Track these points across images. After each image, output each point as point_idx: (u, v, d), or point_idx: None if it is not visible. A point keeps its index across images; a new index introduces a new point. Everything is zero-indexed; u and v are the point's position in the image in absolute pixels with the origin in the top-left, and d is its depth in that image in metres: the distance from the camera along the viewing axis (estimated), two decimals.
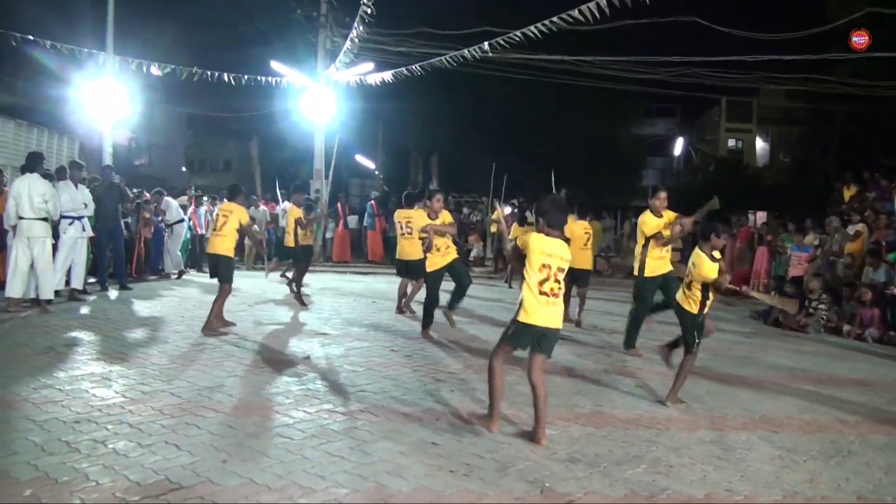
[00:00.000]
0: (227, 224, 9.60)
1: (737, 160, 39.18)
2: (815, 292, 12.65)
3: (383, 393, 6.64)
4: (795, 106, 35.54)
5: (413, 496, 4.33)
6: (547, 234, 5.52)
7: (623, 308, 11.33)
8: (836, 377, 8.61)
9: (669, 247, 8.95)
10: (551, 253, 5.45)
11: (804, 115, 35.77)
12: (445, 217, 9.59)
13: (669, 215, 8.88)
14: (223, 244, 9.59)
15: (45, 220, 10.43)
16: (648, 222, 8.92)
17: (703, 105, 41.56)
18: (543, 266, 5.41)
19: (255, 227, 11.81)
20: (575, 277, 11.48)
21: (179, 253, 16.76)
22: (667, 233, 8.71)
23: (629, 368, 8.32)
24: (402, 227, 10.66)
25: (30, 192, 10.33)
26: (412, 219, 10.23)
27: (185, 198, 17.94)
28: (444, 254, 9.53)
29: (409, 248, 10.58)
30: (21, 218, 10.38)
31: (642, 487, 4.66)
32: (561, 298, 5.51)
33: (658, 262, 8.89)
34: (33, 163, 10.73)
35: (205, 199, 19.09)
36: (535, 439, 5.38)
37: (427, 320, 9.75)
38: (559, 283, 5.46)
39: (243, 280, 9.83)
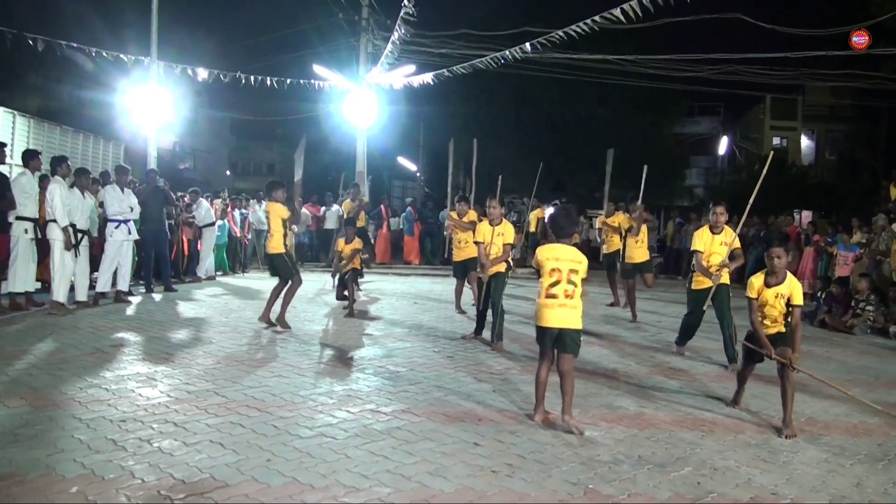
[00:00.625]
0: (270, 223, 9.93)
1: (782, 158, 38.61)
2: (862, 293, 12.43)
3: (425, 393, 6.66)
4: (841, 103, 35.00)
5: (455, 496, 4.32)
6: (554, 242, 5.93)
7: (668, 308, 11.25)
8: (884, 379, 8.43)
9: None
10: (559, 257, 5.79)
11: (850, 111, 35.20)
12: (507, 228, 9.39)
13: (731, 236, 8.46)
14: (271, 243, 9.90)
15: (55, 221, 10.50)
16: (695, 240, 8.66)
17: (747, 103, 41.16)
18: (553, 270, 5.75)
19: (294, 227, 11.51)
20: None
21: (212, 257, 16.75)
22: (714, 260, 8.39)
23: (673, 370, 8.22)
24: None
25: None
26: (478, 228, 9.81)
27: (220, 200, 17.96)
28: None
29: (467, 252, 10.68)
30: None
31: (686, 490, 4.60)
32: (576, 300, 5.72)
33: (705, 278, 8.56)
34: (53, 166, 10.93)
35: (250, 201, 19.24)
36: (562, 421, 5.70)
37: (477, 324, 9.74)
38: (573, 283, 5.72)
39: None
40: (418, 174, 42.40)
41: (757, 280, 6.25)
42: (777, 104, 40.77)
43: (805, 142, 42.86)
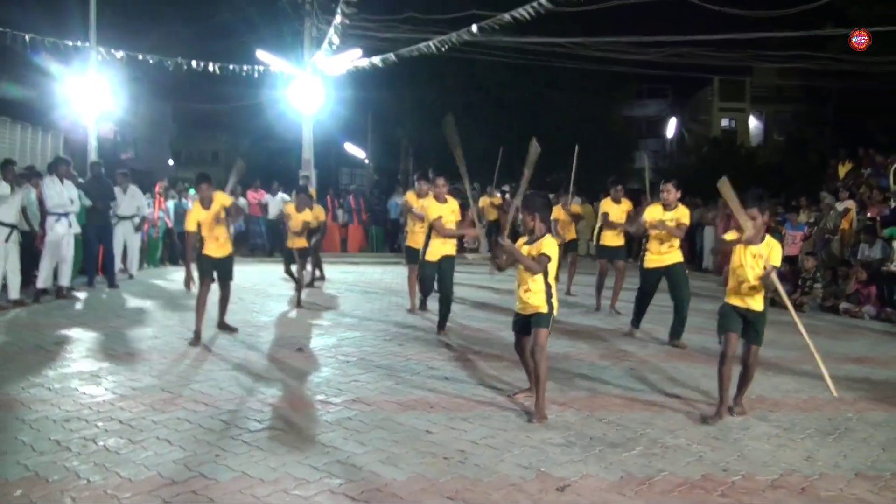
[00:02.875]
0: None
1: (730, 140, 39.08)
2: (809, 271, 12.61)
3: (376, 382, 6.60)
4: (789, 84, 35.51)
5: (407, 484, 4.29)
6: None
7: (622, 293, 11.28)
8: (834, 355, 8.52)
9: (674, 240, 8.63)
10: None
11: (798, 92, 35.77)
12: (454, 205, 9.30)
13: (681, 211, 8.66)
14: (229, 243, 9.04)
15: None
16: (646, 215, 8.76)
17: (696, 85, 41.53)
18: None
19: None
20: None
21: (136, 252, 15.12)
22: (661, 224, 8.50)
23: (624, 352, 8.27)
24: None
25: None
26: (425, 207, 9.44)
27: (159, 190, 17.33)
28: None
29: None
30: None
31: (638, 470, 4.62)
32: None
33: (657, 256, 8.71)
34: None
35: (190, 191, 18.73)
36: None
37: (422, 301, 10.03)
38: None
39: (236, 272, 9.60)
40: (367, 161, 42.17)
41: (730, 236, 6.00)
42: (725, 86, 41.27)
43: (753, 123, 43.45)
